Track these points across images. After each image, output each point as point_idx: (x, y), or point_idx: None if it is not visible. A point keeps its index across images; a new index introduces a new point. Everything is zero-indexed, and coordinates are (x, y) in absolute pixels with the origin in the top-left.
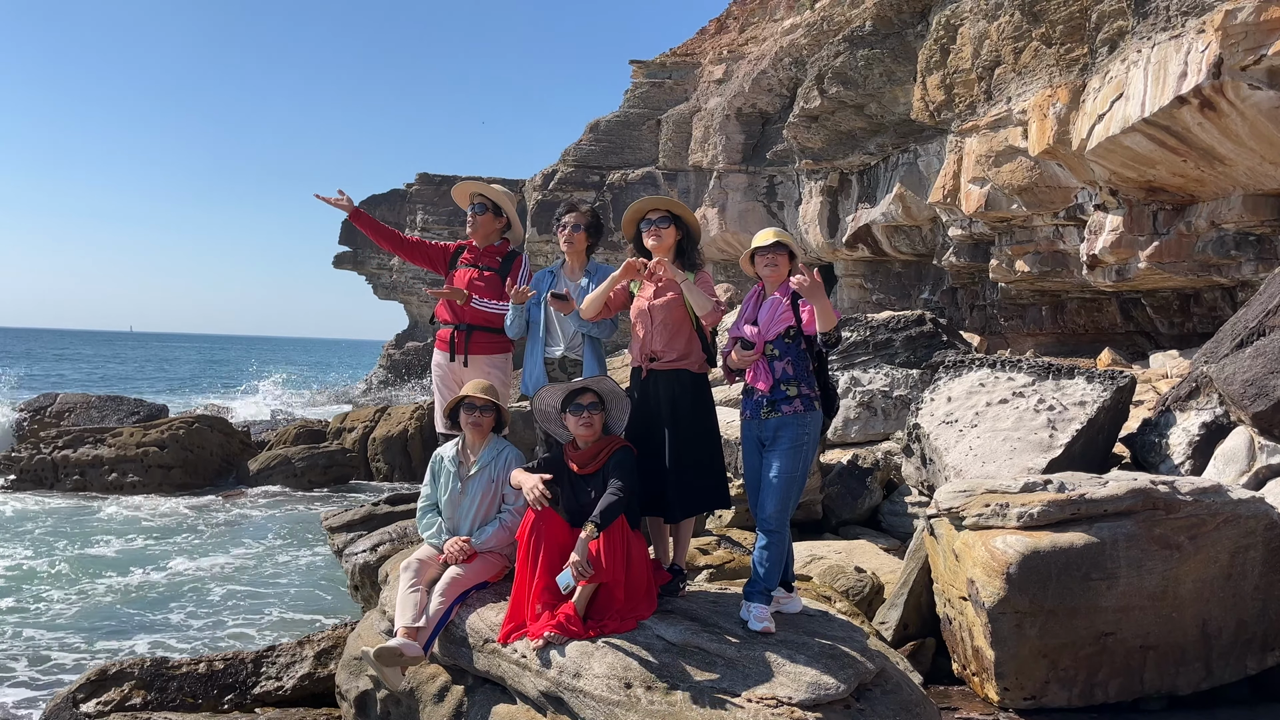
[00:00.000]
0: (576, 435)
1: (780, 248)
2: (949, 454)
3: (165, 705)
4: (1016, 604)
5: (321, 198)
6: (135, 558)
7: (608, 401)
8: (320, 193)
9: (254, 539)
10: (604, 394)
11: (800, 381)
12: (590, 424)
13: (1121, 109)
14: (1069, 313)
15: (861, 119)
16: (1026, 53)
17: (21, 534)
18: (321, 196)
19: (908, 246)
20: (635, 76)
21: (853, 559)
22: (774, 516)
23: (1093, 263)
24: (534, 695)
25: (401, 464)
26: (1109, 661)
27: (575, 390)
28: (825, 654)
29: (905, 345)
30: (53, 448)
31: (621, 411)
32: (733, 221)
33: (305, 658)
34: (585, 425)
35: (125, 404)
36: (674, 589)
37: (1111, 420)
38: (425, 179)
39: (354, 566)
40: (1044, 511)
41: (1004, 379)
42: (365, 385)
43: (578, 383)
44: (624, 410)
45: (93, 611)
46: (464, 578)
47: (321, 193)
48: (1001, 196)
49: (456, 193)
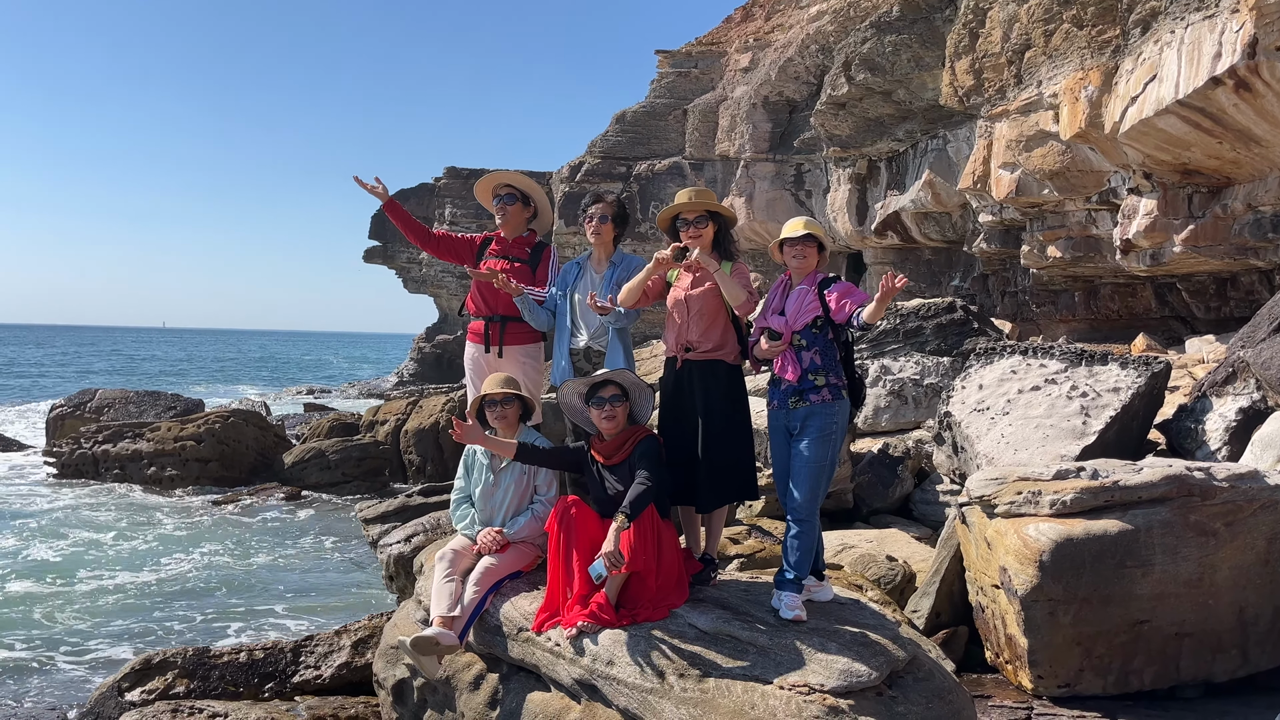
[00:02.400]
0: (600, 427)
1: (809, 239)
2: (980, 442)
3: (208, 693)
4: (1050, 592)
5: (360, 181)
6: (173, 549)
7: (631, 392)
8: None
9: (289, 531)
10: (626, 385)
11: (828, 371)
12: (613, 416)
13: (1155, 91)
14: (1102, 298)
15: (890, 105)
16: (1057, 35)
17: (63, 526)
18: (360, 181)
19: (937, 233)
20: (661, 67)
21: (884, 548)
22: (803, 505)
23: (1126, 247)
24: (568, 683)
25: (434, 456)
26: (1144, 649)
27: (597, 383)
28: (857, 642)
29: (936, 333)
30: (93, 442)
31: (646, 401)
32: (760, 210)
33: (343, 647)
34: (608, 418)
35: (162, 399)
36: (705, 578)
37: (1146, 406)
38: (453, 173)
39: (389, 557)
40: (1077, 499)
41: (1036, 366)
42: (396, 378)
43: (598, 375)
44: (648, 400)
45: (132, 602)
46: (497, 567)
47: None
48: (1033, 181)
49: (480, 189)
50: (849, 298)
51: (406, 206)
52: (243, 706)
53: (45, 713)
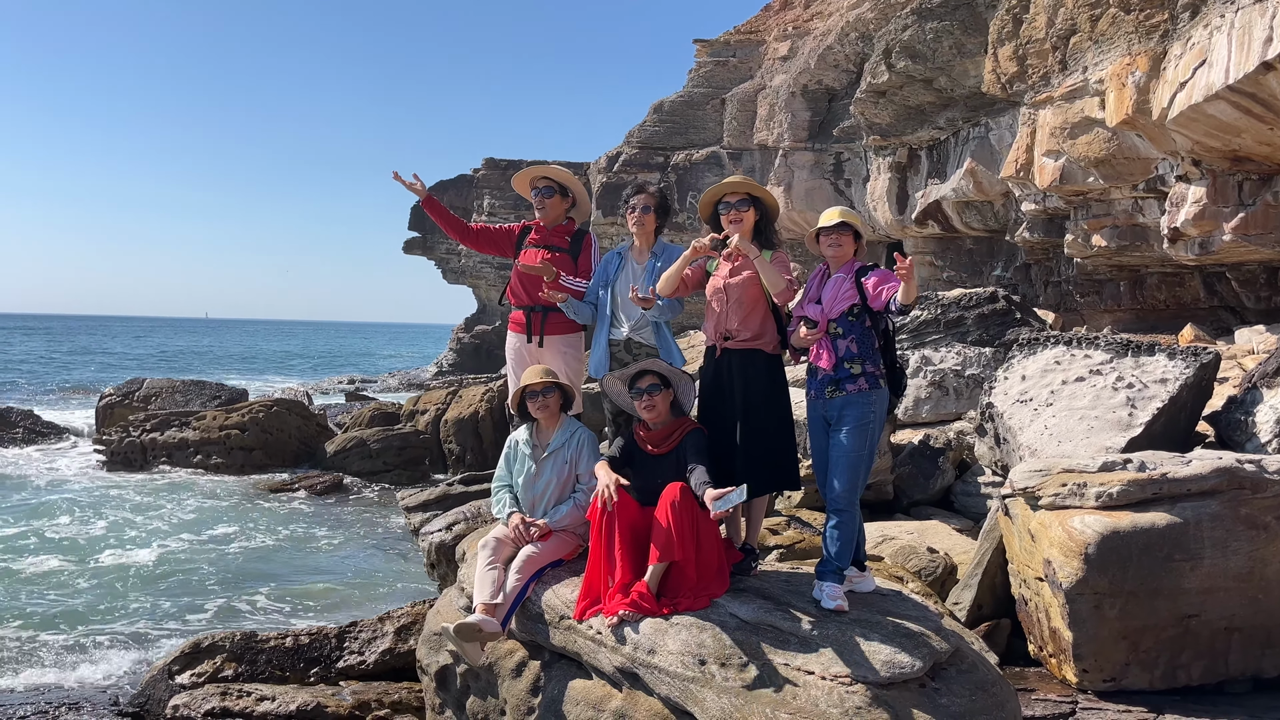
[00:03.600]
0: (643, 417)
1: (845, 228)
2: (1023, 433)
3: (255, 677)
4: (1095, 585)
5: (399, 178)
6: (218, 535)
7: (672, 381)
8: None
9: (332, 518)
10: (665, 375)
11: (865, 360)
12: (653, 405)
13: (1204, 76)
14: (1148, 288)
15: (931, 93)
16: (1104, 20)
17: (112, 512)
18: (399, 177)
19: (979, 222)
20: (699, 55)
21: (925, 539)
22: (843, 496)
23: (1174, 236)
24: (609, 671)
25: (473, 445)
26: (1192, 644)
27: (635, 374)
28: (899, 633)
29: (977, 323)
30: (141, 430)
31: (688, 390)
32: (799, 200)
33: (386, 633)
34: (648, 407)
35: (207, 388)
36: (746, 568)
37: (1194, 398)
38: (491, 164)
39: (430, 545)
40: (1124, 491)
41: (1080, 356)
42: (436, 368)
43: (635, 367)
44: (690, 389)
45: (179, 585)
46: (539, 555)
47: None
48: (1077, 169)
49: (517, 182)
50: (885, 285)
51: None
52: (289, 690)
53: (97, 695)
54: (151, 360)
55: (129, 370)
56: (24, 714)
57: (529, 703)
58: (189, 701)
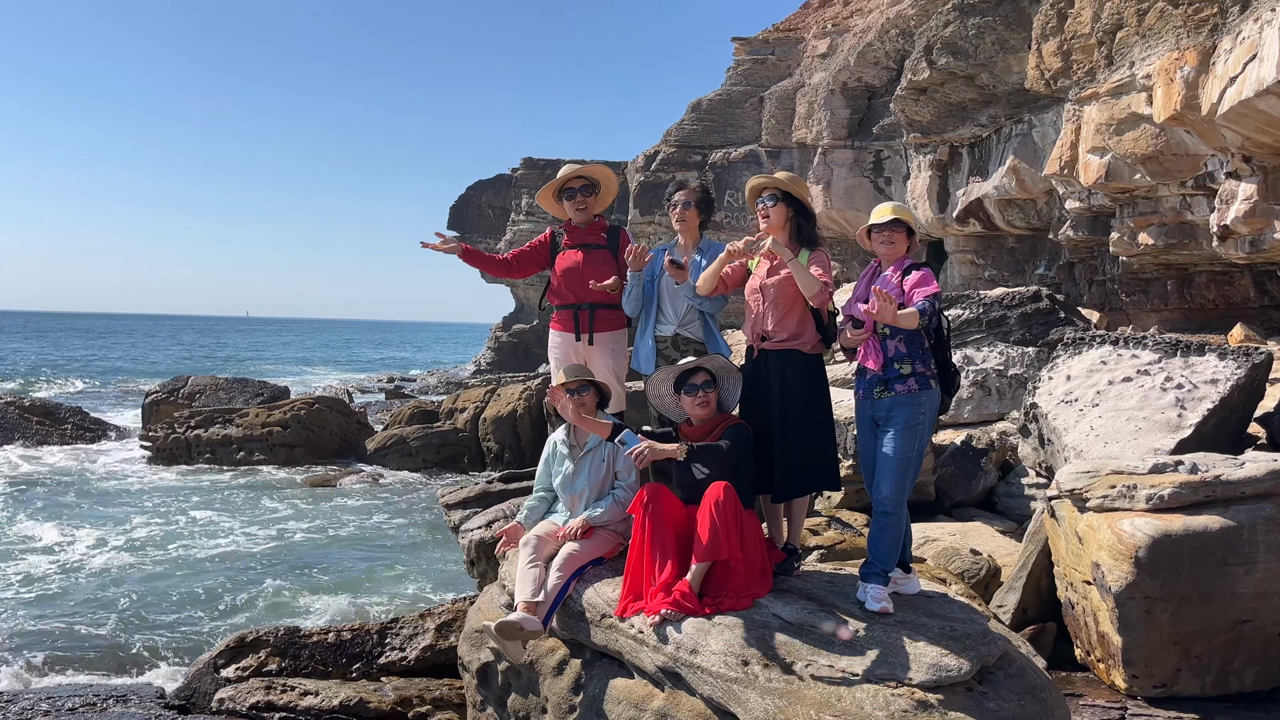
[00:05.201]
0: (692, 415)
1: (898, 225)
2: (1069, 434)
3: (298, 672)
4: (1146, 589)
5: (429, 245)
6: (259, 530)
7: (720, 378)
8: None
9: (372, 516)
10: (716, 371)
11: (914, 360)
12: (706, 402)
13: (1255, 71)
14: (1197, 287)
15: (972, 90)
16: (1151, 14)
17: (157, 507)
18: (428, 244)
19: (1022, 221)
20: (737, 54)
21: (967, 541)
22: (890, 498)
23: (1224, 234)
24: (651, 670)
25: (512, 443)
26: (1246, 649)
27: (688, 370)
28: (945, 635)
29: (1020, 323)
30: (186, 427)
31: (734, 387)
32: (838, 199)
33: (427, 630)
34: (702, 405)
35: (250, 385)
36: (789, 568)
37: (1246, 399)
38: (529, 163)
39: (470, 543)
40: (1175, 494)
41: (1127, 356)
42: (474, 367)
43: (689, 363)
44: (736, 385)
45: (223, 580)
46: (580, 553)
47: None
48: (1123, 166)
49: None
50: (919, 287)
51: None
52: (332, 685)
53: (144, 688)
54: (196, 357)
55: (175, 367)
56: (73, 705)
57: (570, 701)
58: (234, 695)
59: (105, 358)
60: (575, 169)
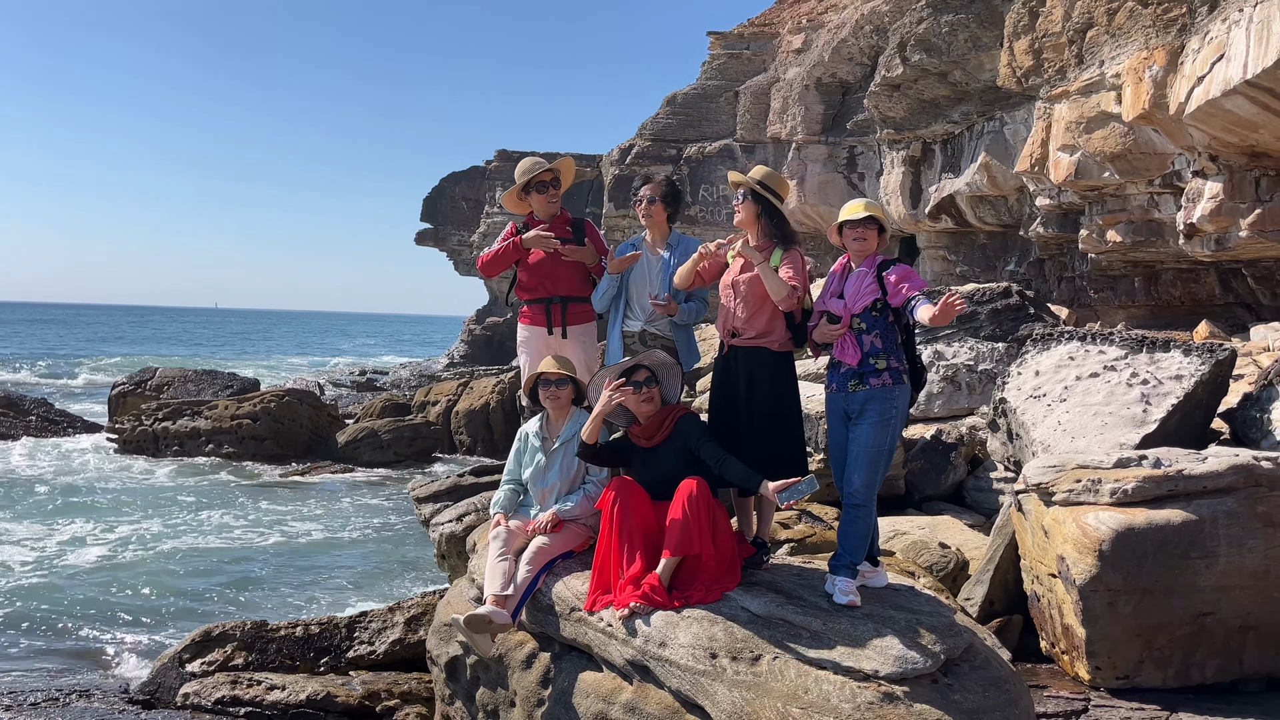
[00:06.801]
0: (638, 411)
1: (871, 221)
2: (1037, 429)
3: (265, 666)
4: (1109, 582)
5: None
6: (228, 524)
7: (659, 374)
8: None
9: (342, 508)
10: (655, 367)
11: (889, 355)
12: (650, 398)
13: (1222, 71)
14: (1163, 284)
15: (945, 87)
16: (1121, 14)
17: (123, 501)
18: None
19: (993, 217)
20: (713, 48)
21: (936, 535)
22: (861, 490)
23: (1190, 232)
24: (620, 664)
25: (484, 437)
26: (1207, 642)
27: (629, 368)
28: (912, 628)
29: (990, 318)
30: (153, 419)
31: (674, 382)
32: (812, 194)
33: (396, 623)
34: (646, 400)
35: (219, 377)
36: (758, 561)
37: (1210, 395)
38: (504, 155)
39: (440, 536)
40: (1139, 488)
41: (1095, 352)
42: (447, 359)
43: (628, 361)
44: (676, 379)
45: (190, 574)
46: (550, 547)
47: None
48: (1093, 164)
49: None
50: (907, 282)
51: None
52: (299, 679)
53: (108, 682)
54: (164, 348)
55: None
56: (35, 700)
57: (539, 694)
58: (199, 689)
59: (72, 349)
60: (540, 164)
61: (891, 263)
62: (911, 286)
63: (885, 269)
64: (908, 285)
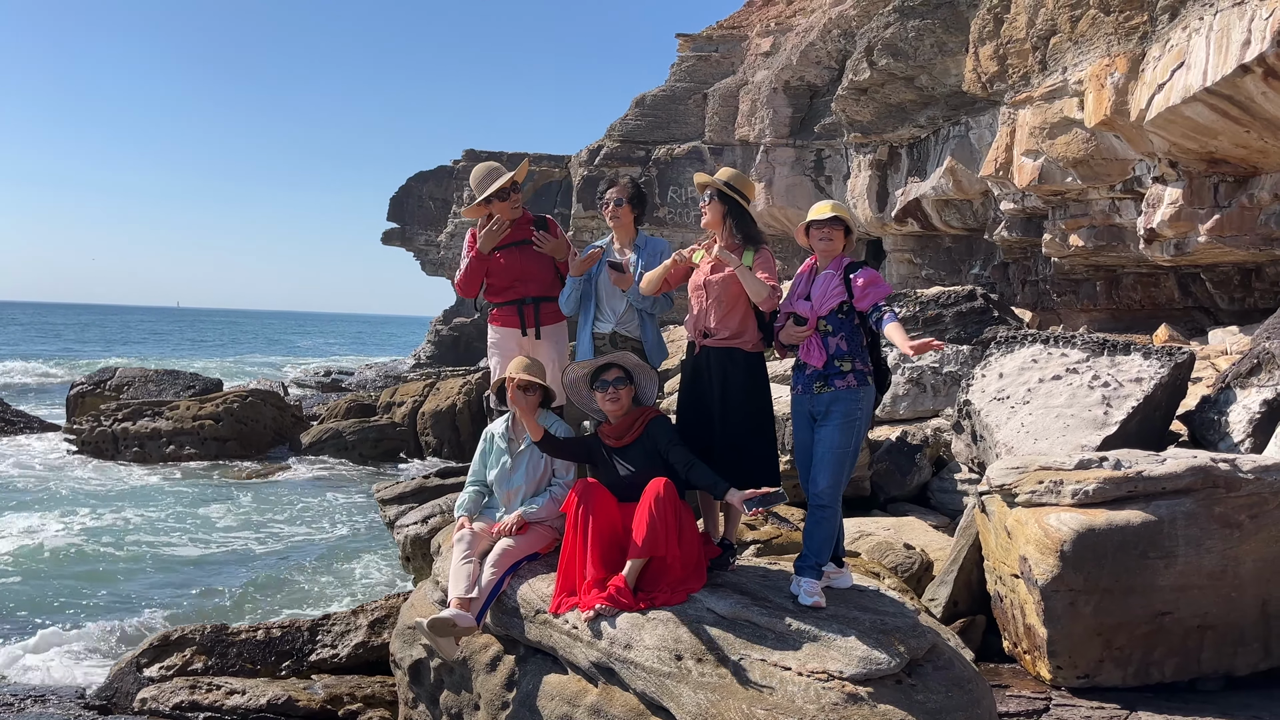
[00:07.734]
0: (605, 410)
1: (837, 222)
2: (1000, 431)
3: (225, 670)
4: (1070, 582)
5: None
6: (189, 526)
7: (635, 375)
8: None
9: (306, 511)
10: (630, 368)
11: (854, 357)
12: (617, 399)
13: (1182, 78)
14: (1124, 288)
15: (912, 91)
16: (1084, 21)
17: (82, 503)
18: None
19: (958, 221)
20: (681, 50)
21: (901, 536)
22: (826, 491)
23: (1150, 237)
24: (585, 666)
25: (450, 438)
26: (1165, 641)
27: (601, 366)
28: (876, 629)
29: (955, 321)
30: (113, 420)
31: (650, 384)
32: (779, 196)
33: (359, 626)
34: (612, 400)
35: (181, 378)
36: (724, 563)
37: (1169, 397)
38: (472, 155)
39: (405, 538)
40: (1099, 489)
41: (1057, 355)
42: (414, 360)
43: (601, 359)
44: (652, 382)
45: (149, 577)
46: (515, 549)
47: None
48: (1056, 169)
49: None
50: (873, 287)
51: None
52: (260, 684)
53: (63, 687)
54: (125, 348)
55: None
56: None
57: (503, 697)
58: (157, 695)
59: (24, 348)
60: (497, 170)
61: (858, 266)
62: (877, 292)
63: (852, 271)
64: (874, 291)
